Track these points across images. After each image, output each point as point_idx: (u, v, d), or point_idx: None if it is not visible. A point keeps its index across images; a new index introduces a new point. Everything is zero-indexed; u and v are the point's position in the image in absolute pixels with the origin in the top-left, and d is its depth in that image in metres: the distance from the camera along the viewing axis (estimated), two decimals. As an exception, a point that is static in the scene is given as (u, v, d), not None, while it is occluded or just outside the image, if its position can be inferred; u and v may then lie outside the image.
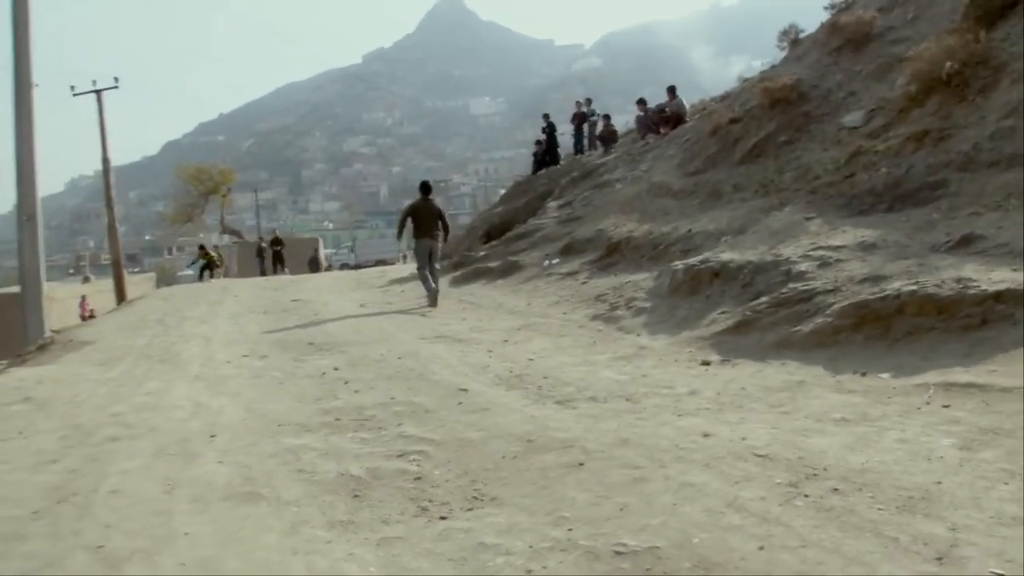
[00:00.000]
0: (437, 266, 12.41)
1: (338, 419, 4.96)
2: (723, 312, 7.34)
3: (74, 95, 29.92)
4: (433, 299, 11.58)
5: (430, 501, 3.48)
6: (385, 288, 15.64)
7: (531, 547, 2.88)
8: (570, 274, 11.81)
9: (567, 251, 13.21)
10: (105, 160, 30.00)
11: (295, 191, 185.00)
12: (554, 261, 13.05)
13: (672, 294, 8.47)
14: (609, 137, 20.97)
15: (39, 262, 20.51)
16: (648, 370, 6.15)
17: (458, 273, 15.26)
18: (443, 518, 3.27)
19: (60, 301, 28.42)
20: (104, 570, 2.51)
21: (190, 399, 5.34)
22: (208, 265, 26.25)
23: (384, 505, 3.44)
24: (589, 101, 23.18)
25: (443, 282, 14.71)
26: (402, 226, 12.88)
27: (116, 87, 29.80)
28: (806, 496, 3.24)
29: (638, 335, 7.65)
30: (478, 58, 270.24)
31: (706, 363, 6.23)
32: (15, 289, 31.10)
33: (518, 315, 9.87)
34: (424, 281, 11.89)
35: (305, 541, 2.97)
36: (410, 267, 22.27)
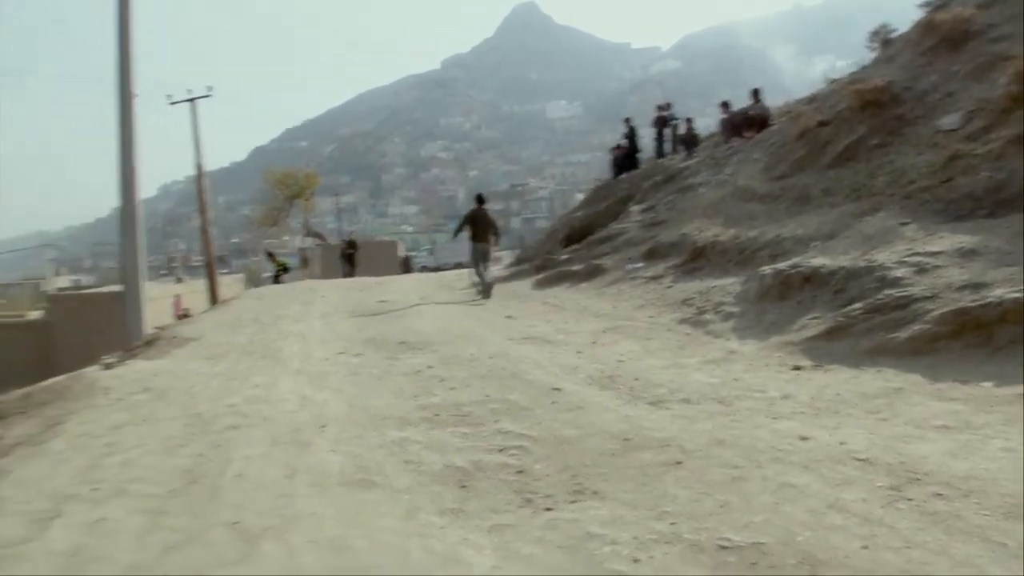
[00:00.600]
0: (491, 265, 14.50)
1: (437, 414, 5.15)
2: (814, 318, 7.28)
3: (171, 104, 31.23)
4: (487, 291, 13.45)
5: (534, 493, 3.62)
6: (466, 290, 15.89)
7: (636, 538, 2.99)
8: (654, 278, 11.82)
9: (651, 255, 13.20)
10: (199, 167, 31.23)
11: (375, 195, 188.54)
12: (637, 265, 13.07)
13: (761, 299, 8.43)
14: (691, 140, 20.83)
15: (140, 264, 21.57)
16: (739, 374, 6.17)
17: (541, 276, 15.41)
18: (548, 509, 3.40)
19: (155, 300, 29.66)
20: (243, 545, 2.72)
21: (296, 393, 5.61)
22: (281, 270, 27.18)
23: (490, 496, 3.59)
24: (669, 105, 23.03)
25: (526, 284, 14.96)
26: (459, 230, 14.78)
27: (209, 95, 30.99)
28: (909, 500, 3.26)
29: (727, 339, 7.65)
30: (555, 62, 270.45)
31: (798, 368, 6.21)
32: (117, 288, 32.67)
33: (604, 318, 9.95)
34: (478, 276, 13.93)
35: (421, 526, 3.15)
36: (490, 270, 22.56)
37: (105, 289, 39.67)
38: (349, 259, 30.15)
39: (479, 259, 14.03)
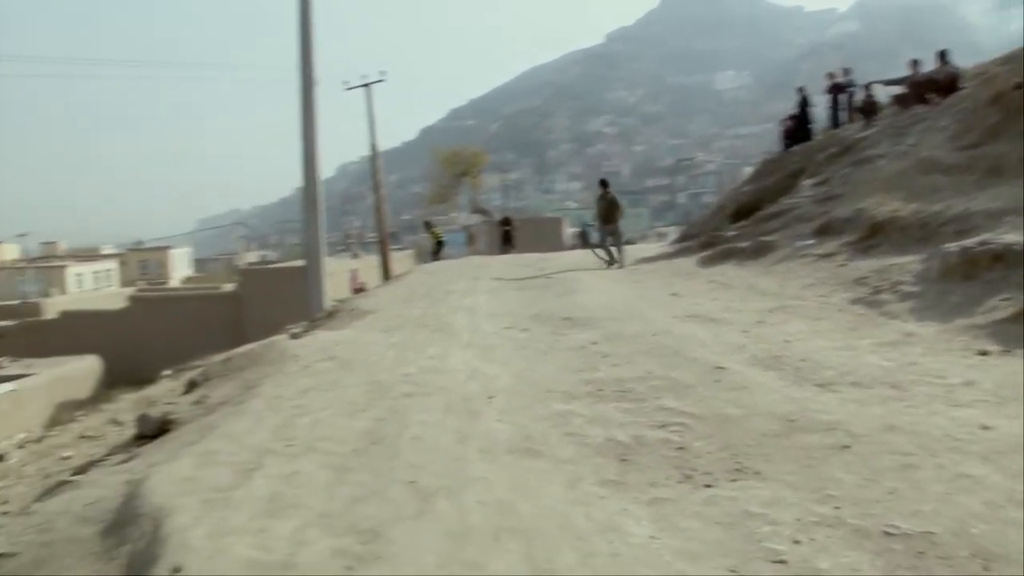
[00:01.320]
0: (621, 243, 16.86)
1: (600, 389, 5.27)
2: (1005, 299, 6.80)
3: (347, 89, 32.90)
4: (620, 263, 15.98)
5: (694, 470, 3.67)
6: (633, 267, 15.87)
7: (798, 520, 2.99)
8: (826, 256, 11.35)
9: (823, 231, 12.67)
10: (373, 147, 32.76)
11: (540, 171, 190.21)
12: (808, 242, 12.58)
13: (943, 278, 7.95)
14: (870, 109, 19.64)
15: (321, 240, 23.02)
16: (917, 357, 5.89)
17: (707, 253, 15.14)
18: (708, 486, 3.45)
19: (333, 275, 31.50)
20: (419, 502, 2.96)
21: (466, 364, 5.90)
22: (437, 244, 27.84)
23: (650, 470, 3.68)
24: (847, 71, 21.79)
25: (691, 261, 14.78)
26: (597, 217, 17.45)
27: (383, 81, 32.34)
28: (1107, 496, 3.06)
29: (904, 321, 7.29)
30: (723, 30, 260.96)
31: (984, 353, 5.84)
32: (299, 263, 34.91)
33: (771, 297, 9.70)
34: (607, 253, 16.35)
35: (583, 495, 3.29)
36: (654, 247, 22.44)
37: (289, 264, 42.55)
38: (505, 236, 30.34)
39: (607, 239, 16.56)
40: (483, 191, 70.63)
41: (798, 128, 22.19)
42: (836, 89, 21.44)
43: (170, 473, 3.43)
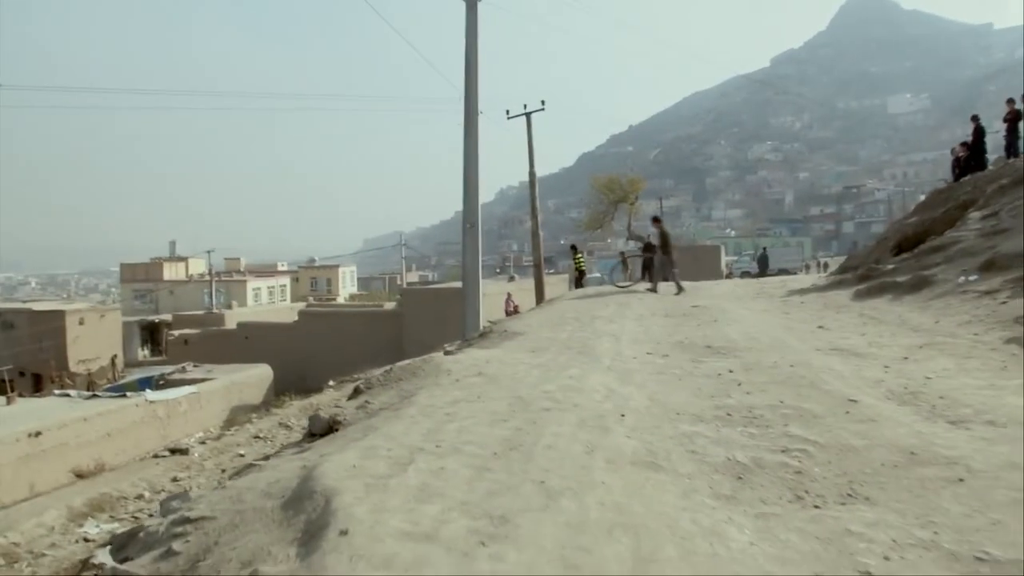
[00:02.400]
0: (669, 274, 18.18)
1: (729, 414, 5.52)
2: None
3: (508, 118, 33.98)
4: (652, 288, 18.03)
5: (806, 492, 3.91)
6: (784, 299, 15.68)
7: (894, 540, 3.20)
8: (988, 292, 10.92)
9: (988, 267, 12.15)
10: (531, 174, 33.69)
11: (699, 198, 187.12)
12: (971, 278, 12.10)
13: (1111, 321, 7.58)
14: (1053, 138, 18.50)
15: (478, 263, 24.04)
16: (1064, 401, 5.75)
17: (862, 287, 14.77)
18: (816, 507, 3.69)
19: (489, 296, 32.59)
20: (545, 499, 3.39)
21: (604, 385, 6.29)
22: (579, 272, 28.06)
23: (764, 489, 3.95)
24: (1026, 96, 20.54)
25: (845, 295, 14.46)
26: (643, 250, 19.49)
27: (543, 110, 33.23)
28: None
29: (1060, 364, 7.04)
30: (898, 51, 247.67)
31: None
32: (456, 284, 36.27)
33: (923, 333, 9.49)
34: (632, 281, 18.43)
35: (694, 504, 3.62)
36: (810, 278, 21.88)
37: (447, 285, 44.26)
38: (647, 264, 29.54)
39: (647, 271, 19.35)
40: (640, 217, 70.47)
41: (971, 157, 21.14)
42: (1015, 116, 20.29)
43: (338, 462, 4.04)
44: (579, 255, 30.01)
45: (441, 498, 3.40)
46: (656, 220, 18.95)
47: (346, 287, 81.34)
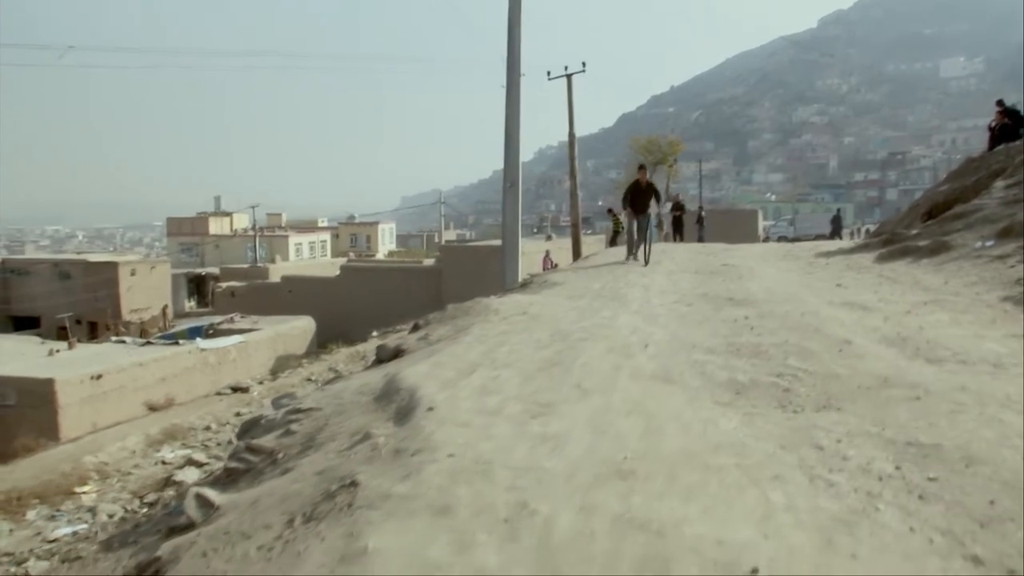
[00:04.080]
0: (653, 239, 15.36)
1: (738, 349, 6.47)
2: None
3: (549, 79, 34.54)
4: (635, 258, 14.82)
5: (790, 403, 4.87)
6: (810, 260, 16.42)
7: (848, 432, 4.15)
8: (1000, 257, 11.63)
9: (1005, 234, 12.82)
10: (571, 135, 34.30)
11: (739, 162, 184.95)
12: (988, 243, 12.78)
13: (1097, 282, 8.34)
14: (1087, 109, 18.82)
15: (518, 222, 24.90)
16: (1034, 347, 6.59)
17: (884, 250, 15.46)
18: (795, 412, 4.65)
19: (527, 255, 33.56)
20: (580, 395, 4.41)
21: (631, 324, 7.27)
22: (615, 232, 28.74)
23: (755, 400, 4.91)
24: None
25: (868, 258, 15.15)
26: (624, 205, 15.43)
27: (583, 71, 33.74)
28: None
29: (1045, 318, 7.85)
30: (953, 12, 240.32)
31: (1102, 348, 6.45)
32: (494, 242, 37.22)
33: (930, 292, 10.28)
34: (634, 249, 15.12)
35: (696, 406, 4.60)
36: (840, 243, 22.46)
37: (485, 243, 45.21)
38: (676, 223, 29.58)
39: (636, 232, 14.99)
40: (679, 180, 70.66)
41: (1008, 127, 21.46)
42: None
43: (415, 371, 5.08)
44: (617, 217, 30.76)
45: (499, 393, 4.43)
46: (642, 168, 15.79)
47: (385, 244, 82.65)
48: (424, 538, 2.51)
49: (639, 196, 14.69)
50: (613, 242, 28.64)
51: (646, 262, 14.26)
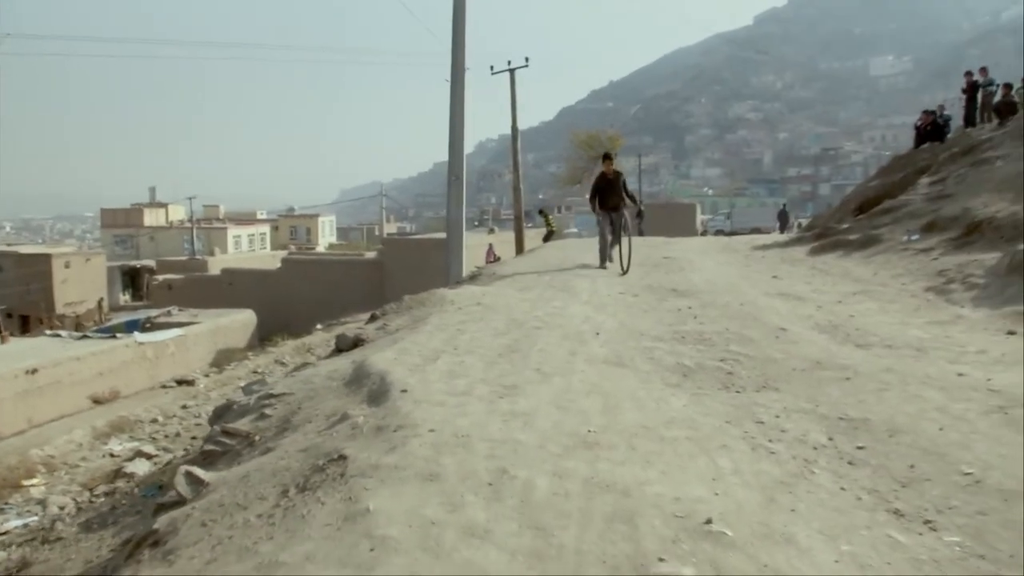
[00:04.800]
0: (626, 237, 12.46)
1: (683, 336, 6.87)
2: (1051, 292, 7.88)
3: (492, 74, 34.76)
4: (624, 268, 11.97)
5: (732, 384, 5.27)
6: (747, 253, 17.05)
7: (785, 408, 4.57)
8: (925, 250, 12.34)
9: (929, 228, 13.56)
10: (514, 131, 34.57)
11: (678, 156, 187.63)
12: (914, 237, 13.51)
13: (1010, 273, 9.00)
14: (1006, 109, 19.83)
15: (462, 215, 25.08)
16: (953, 333, 7.16)
17: (817, 244, 16.16)
18: (737, 392, 5.06)
19: (470, 248, 33.80)
20: (541, 378, 4.74)
21: (582, 314, 7.62)
22: (548, 232, 29.35)
23: (701, 381, 5.30)
24: (985, 70, 21.88)
25: (801, 251, 15.81)
26: (592, 199, 13.12)
27: (526, 66, 34.08)
28: (1006, 414, 4.44)
29: (961, 307, 8.47)
30: (883, 12, 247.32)
31: (1012, 332, 7.04)
32: (437, 235, 37.32)
33: (860, 283, 10.90)
34: (606, 250, 12.91)
35: (648, 387, 4.97)
36: (776, 236, 23.23)
37: (428, 236, 45.27)
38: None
39: (608, 230, 12.76)
40: (617, 174, 71.10)
41: (932, 126, 22.46)
42: (971, 87, 21.60)
43: (382, 357, 5.33)
44: (548, 217, 31.29)
45: (466, 377, 4.72)
46: (608, 157, 13.21)
47: (325, 236, 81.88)
48: (418, 500, 2.79)
49: (608, 190, 12.64)
50: (546, 241, 29.07)
51: (624, 269, 11.95)
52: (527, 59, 34.29)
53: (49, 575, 4.80)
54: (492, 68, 35.19)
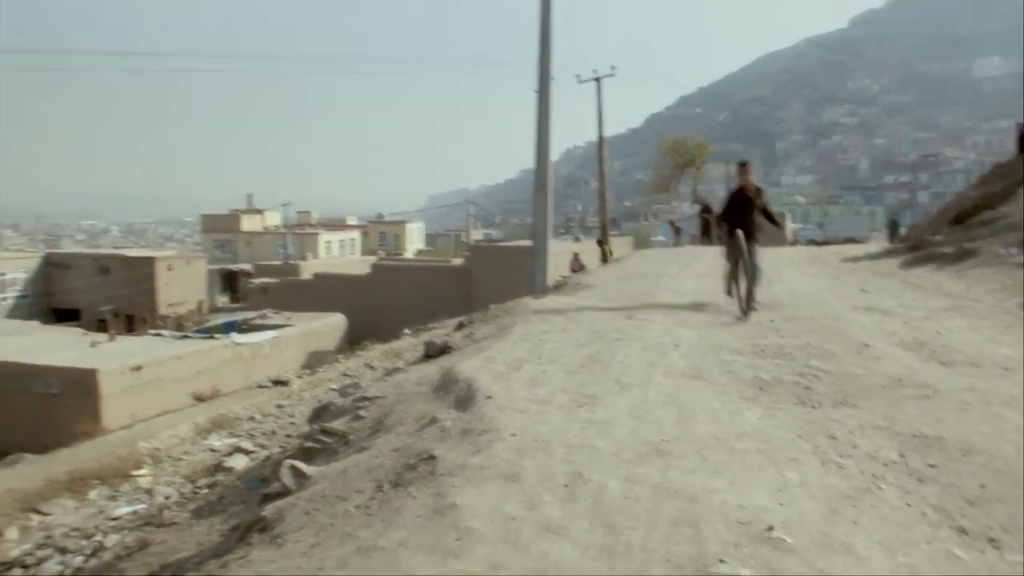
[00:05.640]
0: (759, 270, 9.42)
1: (763, 350, 6.96)
2: None
3: (579, 83, 35.05)
4: (745, 308, 9.06)
5: (809, 399, 5.36)
6: (837, 265, 16.77)
7: (859, 425, 4.65)
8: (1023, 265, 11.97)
9: (1028, 242, 13.13)
10: (600, 139, 34.79)
11: (768, 163, 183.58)
12: (1011, 251, 13.10)
13: (1111, 290, 8.71)
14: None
15: (547, 223, 25.36)
16: (1045, 352, 7.01)
17: (909, 256, 15.79)
18: (813, 407, 5.15)
19: (554, 256, 34.06)
20: (619, 388, 4.95)
21: (663, 325, 7.78)
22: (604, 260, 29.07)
23: (778, 396, 5.41)
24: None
25: (893, 264, 15.47)
26: (720, 220, 10.39)
27: (612, 75, 34.22)
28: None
29: (1059, 325, 8.25)
30: (988, 11, 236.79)
31: (1106, 352, 6.86)
32: (523, 243, 37.67)
33: (952, 298, 10.67)
34: (733, 284, 9.56)
35: (724, 399, 5.12)
36: (865, 247, 22.65)
37: (514, 243, 45.71)
38: (704, 225, 29.00)
39: (736, 257, 9.55)
40: (706, 181, 70.67)
41: (1035, 134, 21.61)
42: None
43: (469, 364, 5.64)
44: (605, 247, 30.87)
45: (547, 385, 4.97)
46: (744, 166, 10.27)
47: (413, 243, 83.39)
48: (500, 498, 3.06)
49: (742, 210, 9.77)
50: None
51: (744, 311, 8.97)
52: (613, 68, 34.46)
53: (167, 555, 5.28)
54: (578, 77, 35.47)
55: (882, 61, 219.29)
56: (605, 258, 29.75)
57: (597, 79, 34.51)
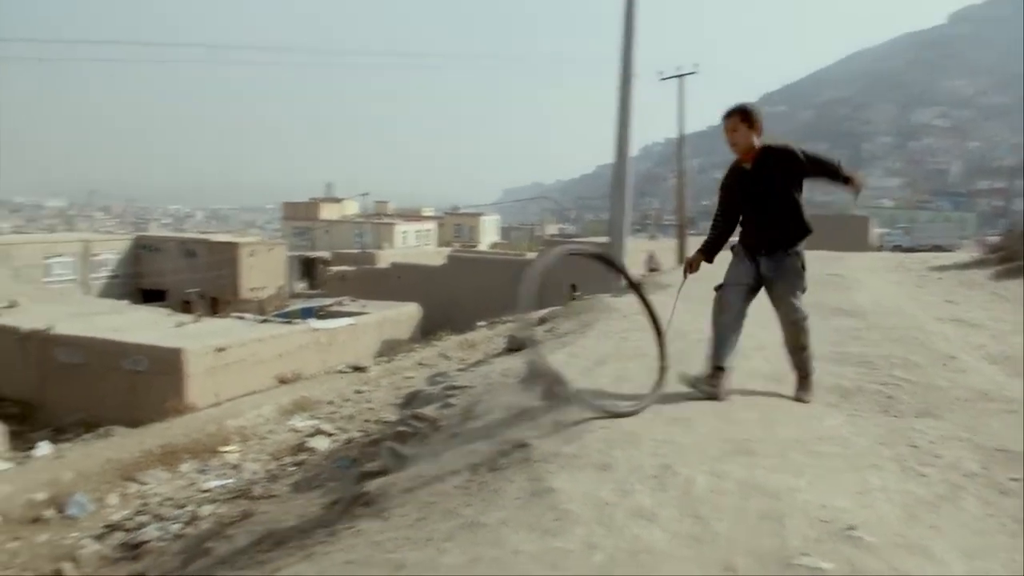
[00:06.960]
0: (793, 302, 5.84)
1: (845, 357, 7.00)
2: None
3: (661, 80, 34.90)
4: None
5: (891, 408, 5.41)
6: (922, 273, 16.41)
7: (941, 436, 4.70)
8: (1122, 279, 11.59)
9: None
10: (681, 137, 34.57)
11: (853, 164, 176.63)
12: (1110, 265, 12.68)
13: None
14: None
15: (625, 220, 25.37)
16: None
17: (1001, 267, 15.35)
18: (895, 417, 5.20)
19: (630, 254, 34.03)
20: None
21: (745, 328, 7.84)
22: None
23: (859, 404, 5.48)
24: None
25: (983, 274, 15.05)
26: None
27: (695, 73, 33.95)
28: None
29: None
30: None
31: None
32: (598, 239, 37.67)
33: (1044, 312, 10.41)
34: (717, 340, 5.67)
35: (806, 404, 5.21)
36: (953, 255, 21.93)
37: (589, 239, 45.74)
38: None
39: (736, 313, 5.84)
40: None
41: None
42: None
43: (554, 359, 5.85)
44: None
45: (631, 381, 5.17)
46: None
47: (488, 236, 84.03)
48: (593, 485, 3.28)
49: (745, 204, 6.20)
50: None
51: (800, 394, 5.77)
52: (696, 65, 34.19)
53: (271, 524, 5.66)
54: (661, 74, 35.29)
55: (978, 61, 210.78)
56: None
57: (679, 76, 34.28)
